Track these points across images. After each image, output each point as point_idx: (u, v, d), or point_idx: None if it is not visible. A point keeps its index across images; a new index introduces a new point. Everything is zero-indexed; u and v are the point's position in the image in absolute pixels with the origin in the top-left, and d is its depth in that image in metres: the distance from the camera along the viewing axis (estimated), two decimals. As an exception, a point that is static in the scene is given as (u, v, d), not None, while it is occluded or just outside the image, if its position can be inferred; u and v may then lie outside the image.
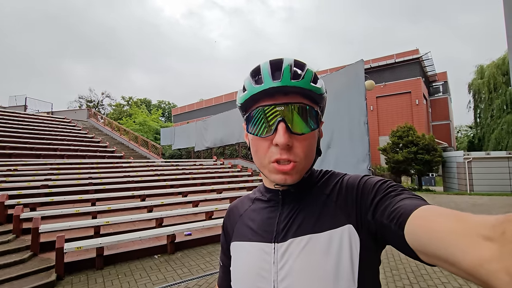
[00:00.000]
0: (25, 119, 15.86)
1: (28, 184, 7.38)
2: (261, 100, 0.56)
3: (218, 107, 30.54)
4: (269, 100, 0.56)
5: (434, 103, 24.92)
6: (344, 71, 6.50)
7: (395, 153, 15.39)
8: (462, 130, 42.47)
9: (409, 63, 20.98)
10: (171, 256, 4.99)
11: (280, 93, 0.55)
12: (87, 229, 5.40)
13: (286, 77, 0.54)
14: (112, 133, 19.27)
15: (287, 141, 0.53)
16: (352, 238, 0.53)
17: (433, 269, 4.18)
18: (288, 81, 0.54)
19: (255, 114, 0.57)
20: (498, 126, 19.52)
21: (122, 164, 11.76)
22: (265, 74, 0.56)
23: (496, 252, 0.29)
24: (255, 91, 0.55)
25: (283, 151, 0.54)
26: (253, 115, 0.57)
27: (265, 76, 0.55)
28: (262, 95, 0.55)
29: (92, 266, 4.37)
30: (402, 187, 0.53)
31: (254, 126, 0.57)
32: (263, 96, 0.56)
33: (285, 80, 0.54)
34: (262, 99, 0.56)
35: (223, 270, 0.74)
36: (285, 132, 0.53)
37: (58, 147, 13.03)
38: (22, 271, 3.98)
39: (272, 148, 0.55)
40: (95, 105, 41.47)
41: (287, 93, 0.55)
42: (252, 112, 0.57)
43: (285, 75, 0.54)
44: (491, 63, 20.60)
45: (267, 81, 0.55)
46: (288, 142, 0.53)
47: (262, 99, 0.56)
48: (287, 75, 0.54)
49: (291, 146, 0.54)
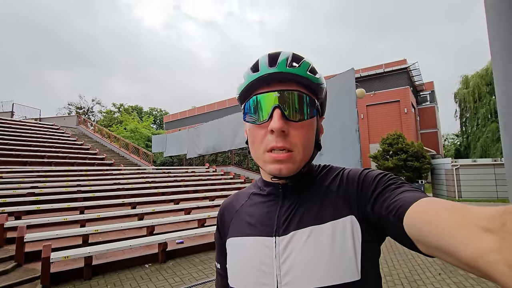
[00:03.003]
0: (11, 125, 15.49)
1: (14, 192, 7.15)
2: (258, 89, 0.57)
3: (210, 114, 30.48)
4: (265, 88, 0.56)
5: (422, 111, 25.52)
6: (335, 80, 6.61)
7: (385, 160, 15.61)
8: (449, 138, 43.53)
9: (397, 73, 21.55)
10: (163, 265, 4.87)
11: (276, 80, 0.56)
12: (75, 238, 5.24)
13: (282, 64, 0.55)
14: (102, 140, 18.98)
15: (281, 126, 0.52)
16: (355, 229, 0.53)
17: (426, 275, 4.22)
18: (284, 68, 0.55)
19: (251, 102, 0.57)
20: (484, 134, 20.08)
21: (112, 172, 11.56)
22: (262, 63, 0.57)
23: (495, 243, 0.29)
24: (252, 78, 0.56)
25: (279, 138, 0.53)
26: (250, 103, 0.58)
27: (262, 65, 0.57)
28: (259, 83, 0.56)
29: (80, 276, 4.22)
30: (402, 180, 0.54)
31: (250, 114, 0.58)
32: (260, 83, 0.56)
33: (281, 67, 0.55)
34: (259, 87, 0.57)
35: (220, 273, 0.69)
36: (280, 118, 0.53)
37: (45, 154, 12.73)
38: (5, 282, 3.81)
39: (268, 136, 0.55)
40: (85, 112, 40.83)
41: (283, 80, 0.56)
42: (249, 100, 0.58)
43: (281, 63, 0.55)
44: (475, 74, 21.30)
45: (263, 69, 0.56)
46: (283, 127, 0.53)
47: (259, 87, 0.57)
48: (283, 63, 0.55)
49: (287, 134, 0.54)
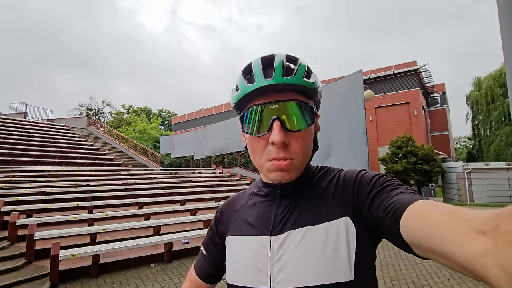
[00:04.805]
0: (24, 126, 15.88)
1: (25, 191, 7.32)
2: (255, 99, 0.56)
3: (218, 116, 30.62)
4: (262, 99, 0.55)
5: (432, 114, 25.08)
6: (343, 81, 6.56)
7: (394, 163, 15.36)
8: (461, 141, 42.59)
9: (407, 75, 21.22)
10: (168, 265, 4.90)
11: (273, 91, 0.54)
12: (83, 236, 5.33)
13: (278, 75, 0.53)
14: (111, 141, 19.28)
15: (282, 139, 0.52)
16: (349, 230, 0.53)
17: (434, 280, 4.12)
18: (280, 79, 0.53)
19: (249, 114, 0.56)
20: (497, 138, 19.55)
21: (121, 172, 11.72)
22: (256, 72, 0.55)
23: (489, 246, 0.29)
24: (248, 91, 0.54)
25: (280, 150, 0.53)
26: (247, 114, 0.56)
27: (257, 75, 0.55)
28: (255, 94, 0.55)
29: (88, 275, 4.29)
30: (398, 181, 0.53)
31: (248, 126, 0.56)
32: (256, 95, 0.55)
33: (277, 78, 0.53)
34: (255, 97, 0.55)
35: (205, 259, 0.73)
36: (280, 130, 0.52)
37: (56, 154, 13.00)
38: (15, 278, 3.90)
39: (269, 147, 0.54)
40: (95, 113, 41.65)
41: (280, 91, 0.54)
42: (246, 111, 0.57)
43: (277, 73, 0.53)
44: (488, 75, 20.80)
45: (259, 80, 0.54)
46: (284, 140, 0.52)
47: (256, 97, 0.55)
48: (279, 73, 0.53)
49: (288, 144, 0.54)
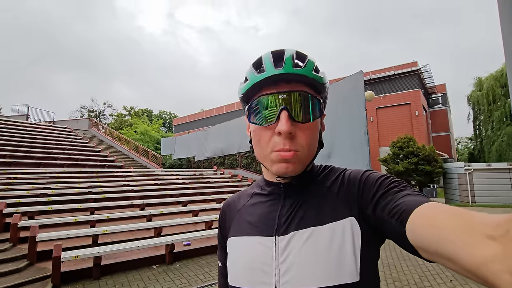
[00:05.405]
0: (26, 128, 15.94)
1: (27, 193, 7.35)
2: (264, 89, 0.56)
3: (219, 117, 30.66)
4: (271, 89, 0.55)
5: (433, 114, 25.01)
6: (344, 82, 6.56)
7: (395, 164, 15.32)
8: (462, 141, 42.45)
9: (408, 75, 21.21)
10: (170, 267, 4.90)
11: (283, 81, 0.55)
12: (85, 238, 5.34)
13: (288, 65, 0.54)
14: (113, 142, 19.32)
15: (289, 129, 0.52)
16: (354, 231, 0.52)
17: (437, 281, 4.10)
18: (291, 69, 0.54)
19: (257, 103, 0.56)
20: (499, 138, 19.48)
21: (122, 174, 11.75)
22: (267, 62, 0.56)
23: (499, 251, 0.28)
24: (257, 79, 0.55)
25: (286, 141, 0.53)
26: (256, 104, 0.57)
27: (267, 65, 0.55)
28: (264, 84, 0.55)
29: (89, 276, 4.29)
30: (404, 183, 0.53)
31: (256, 116, 0.57)
32: (265, 84, 0.55)
33: (287, 68, 0.54)
34: (264, 88, 0.56)
35: (222, 272, 0.71)
36: (287, 120, 0.52)
37: (58, 156, 13.04)
38: (17, 280, 3.91)
39: (275, 138, 0.54)
40: (97, 115, 41.76)
41: (290, 81, 0.55)
42: (254, 101, 0.57)
43: (287, 63, 0.54)
44: (489, 76, 20.75)
45: (269, 69, 0.54)
46: (290, 130, 0.52)
47: (265, 88, 0.56)
48: (289, 63, 0.54)
49: (294, 135, 0.54)
